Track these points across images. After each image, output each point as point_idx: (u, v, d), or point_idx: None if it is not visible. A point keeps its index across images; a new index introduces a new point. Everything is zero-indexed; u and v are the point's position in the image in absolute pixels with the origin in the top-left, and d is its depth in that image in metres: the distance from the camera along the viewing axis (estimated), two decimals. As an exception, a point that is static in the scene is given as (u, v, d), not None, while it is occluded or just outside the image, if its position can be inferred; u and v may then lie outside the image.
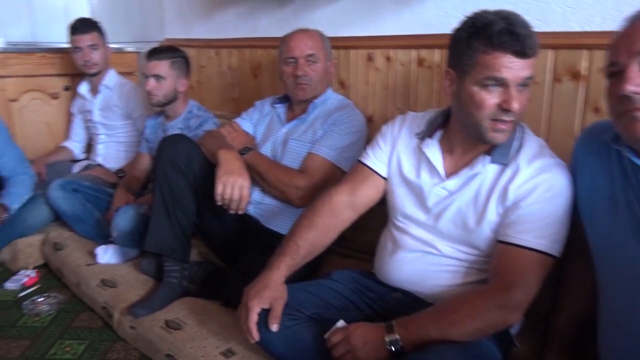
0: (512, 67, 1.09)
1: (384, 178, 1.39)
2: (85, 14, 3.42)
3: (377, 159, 1.39)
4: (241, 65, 2.60)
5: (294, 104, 1.93)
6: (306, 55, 1.82)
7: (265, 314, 1.19)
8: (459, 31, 1.17)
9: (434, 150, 1.29)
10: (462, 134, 1.24)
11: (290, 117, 1.93)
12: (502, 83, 1.11)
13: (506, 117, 1.14)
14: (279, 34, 1.96)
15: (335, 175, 1.75)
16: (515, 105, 1.11)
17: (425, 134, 1.31)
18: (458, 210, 1.25)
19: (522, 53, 1.09)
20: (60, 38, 3.33)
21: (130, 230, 1.93)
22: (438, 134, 1.31)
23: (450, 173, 1.27)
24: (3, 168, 2.25)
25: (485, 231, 1.22)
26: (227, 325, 1.47)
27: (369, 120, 2.01)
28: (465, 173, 1.24)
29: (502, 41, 1.08)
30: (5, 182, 2.26)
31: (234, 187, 1.56)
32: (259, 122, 2.01)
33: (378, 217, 1.47)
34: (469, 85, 1.15)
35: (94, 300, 1.80)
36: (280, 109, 1.97)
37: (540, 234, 1.13)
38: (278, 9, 2.32)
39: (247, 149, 1.84)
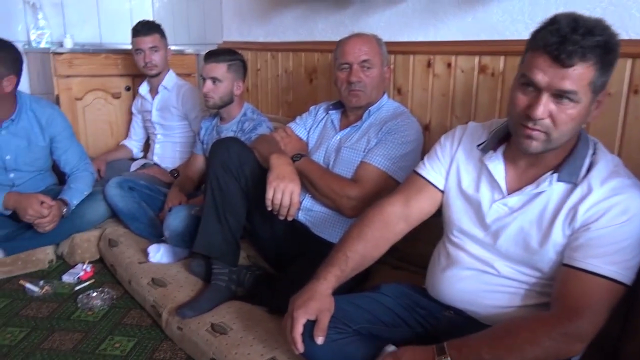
0: (547, 72, 1.01)
1: (441, 190, 1.33)
2: (149, 16, 3.53)
3: (434, 170, 1.33)
4: (297, 69, 2.59)
5: (348, 110, 1.90)
6: (361, 60, 1.78)
7: (310, 325, 1.16)
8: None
9: (496, 164, 1.21)
10: None
11: (344, 124, 1.89)
12: (536, 86, 1.03)
13: (529, 124, 1.06)
14: (336, 37, 1.92)
15: (389, 186, 1.70)
16: (538, 113, 1.02)
17: (488, 146, 1.23)
18: (520, 229, 1.17)
19: (559, 59, 0.99)
20: (124, 39, 3.44)
21: (181, 231, 1.95)
22: (502, 147, 1.23)
23: (513, 189, 1.20)
24: (66, 164, 2.34)
25: (549, 253, 1.14)
26: (273, 333, 1.45)
27: (426, 128, 1.95)
28: (529, 190, 1.16)
29: (546, 41, 1.00)
30: (66, 177, 2.35)
31: (284, 192, 1.54)
32: (312, 128, 1.98)
33: (432, 229, 1.41)
34: (514, 84, 1.10)
35: (144, 298, 1.82)
36: (334, 115, 1.94)
37: (611, 260, 1.04)
38: (335, 12, 2.30)
39: (299, 155, 1.81)
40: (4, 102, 2.14)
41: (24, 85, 2.97)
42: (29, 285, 1.97)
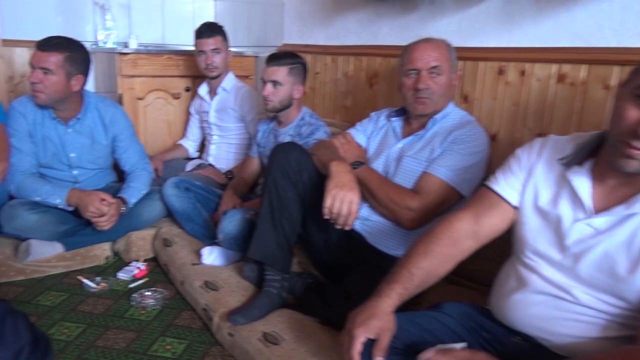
0: None
1: (515, 207, 1.23)
2: (211, 18, 3.57)
3: (508, 185, 1.24)
4: (357, 74, 2.53)
5: (412, 118, 1.82)
6: (430, 67, 1.70)
7: (370, 345, 1.09)
8: None
9: (582, 180, 1.11)
10: None
11: (407, 132, 1.82)
12: None
13: (636, 143, 0.95)
14: (400, 42, 1.86)
15: (452, 199, 1.61)
16: None
17: (573, 161, 1.13)
18: (605, 254, 1.06)
19: None
20: (186, 41, 3.50)
21: (235, 235, 1.93)
22: (589, 162, 1.12)
23: (600, 209, 1.09)
24: (126, 163, 2.37)
25: (639, 282, 1.02)
26: (325, 347, 1.40)
27: (492, 139, 1.84)
28: (619, 211, 1.05)
29: None
30: (126, 175, 2.38)
31: (343, 201, 1.49)
32: (372, 135, 1.92)
33: (497, 244, 1.31)
34: (622, 94, 0.99)
35: (195, 301, 1.81)
36: (397, 122, 1.86)
37: None
38: (401, 15, 2.23)
39: (359, 163, 1.75)
40: (72, 100, 2.19)
41: (90, 84, 3.06)
42: (86, 281, 2.00)
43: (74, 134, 2.25)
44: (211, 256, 1.97)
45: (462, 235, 1.24)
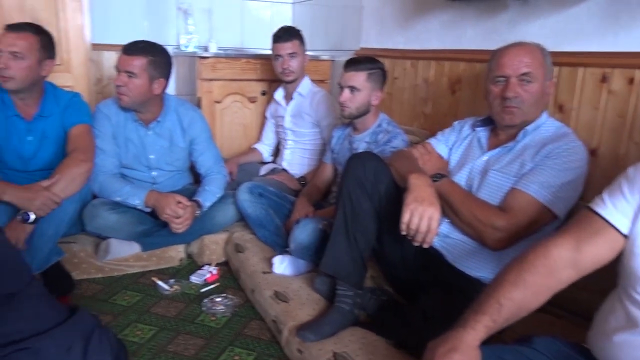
0: None
1: (624, 236, 1.08)
2: (289, 22, 3.57)
3: (617, 209, 1.08)
4: (438, 79, 2.41)
5: (499, 128, 1.68)
6: (520, 73, 1.55)
7: (451, 381, 0.99)
8: None
9: None
10: None
11: (494, 144, 1.68)
12: None
13: None
14: (487, 46, 1.73)
15: (544, 219, 1.47)
16: None
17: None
18: None
19: None
20: (264, 45, 3.51)
21: (307, 244, 1.89)
22: None
23: None
24: (201, 166, 2.40)
25: None
26: (400, 373, 1.31)
27: (592, 154, 1.67)
28: None
29: None
30: (201, 178, 2.41)
31: (422, 217, 1.39)
32: (455, 146, 1.80)
33: (598, 272, 1.16)
34: None
35: (265, 311, 1.77)
36: (482, 133, 1.73)
37: None
38: (489, 17, 2.08)
39: (440, 176, 1.64)
40: (153, 103, 2.23)
41: (171, 87, 3.14)
42: (160, 283, 2.03)
43: (153, 136, 2.29)
44: (282, 265, 1.94)
45: (560, 264, 1.11)
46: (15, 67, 1.92)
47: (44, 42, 2.01)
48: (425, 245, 1.42)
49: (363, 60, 2.08)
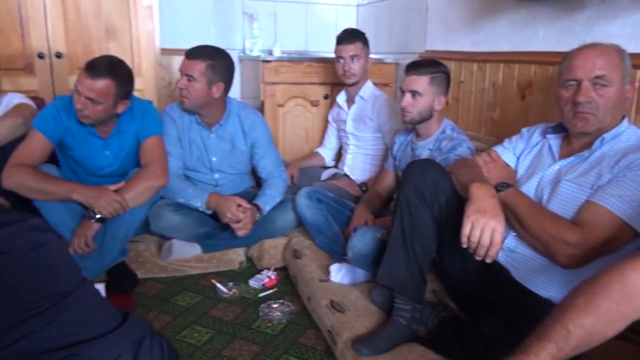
0: None
1: None
2: (353, 25, 3.54)
3: None
4: (507, 83, 2.29)
5: (572, 136, 1.56)
6: (593, 77, 1.43)
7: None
8: None
9: None
10: None
11: (566, 152, 1.56)
12: None
13: None
14: (560, 47, 1.63)
15: (624, 237, 1.34)
16: None
17: None
18: None
19: None
20: (327, 48, 3.50)
21: (365, 254, 1.84)
22: None
23: None
24: (262, 169, 2.41)
25: None
26: (458, 396, 1.24)
27: (680, 165, 1.51)
28: None
29: None
30: (262, 182, 2.42)
31: (484, 229, 1.31)
32: (523, 154, 1.69)
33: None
34: None
35: (321, 320, 1.75)
36: (554, 140, 1.62)
37: None
38: (563, 17, 1.95)
39: (506, 185, 1.55)
40: (214, 107, 2.27)
41: (236, 90, 3.19)
42: (219, 286, 2.05)
43: (216, 139, 2.33)
44: (339, 274, 1.90)
45: (639, 290, 1.00)
46: (92, 109, 1.92)
47: (120, 85, 1.94)
48: (488, 260, 1.34)
49: (425, 64, 2.01)
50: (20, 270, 0.60)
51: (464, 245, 1.35)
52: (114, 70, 1.93)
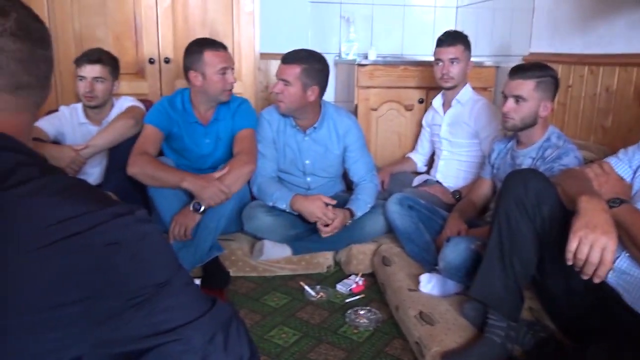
0: None
1: None
2: (452, 26, 3.44)
3: None
4: (623, 87, 2.10)
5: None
6: None
7: None
8: None
9: None
10: None
11: (694, 167, 1.40)
12: None
13: None
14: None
15: None
16: None
17: None
18: None
19: None
20: (424, 51, 3.44)
21: (457, 265, 1.77)
22: None
23: None
24: (354, 174, 2.40)
25: None
26: None
27: None
28: None
29: None
30: (353, 186, 2.41)
31: (593, 246, 1.21)
32: (641, 167, 1.54)
33: None
34: None
35: (408, 331, 1.70)
36: (679, 153, 1.46)
37: None
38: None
39: (619, 201, 1.41)
40: (309, 110, 2.30)
41: (330, 94, 3.22)
42: (307, 288, 2.07)
43: (310, 142, 2.36)
44: (429, 284, 1.84)
45: None
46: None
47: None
48: (597, 280, 1.23)
49: (531, 67, 1.89)
50: (128, 259, 0.64)
51: (569, 263, 1.25)
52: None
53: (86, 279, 0.60)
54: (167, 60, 2.73)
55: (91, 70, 2.22)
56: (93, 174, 2.38)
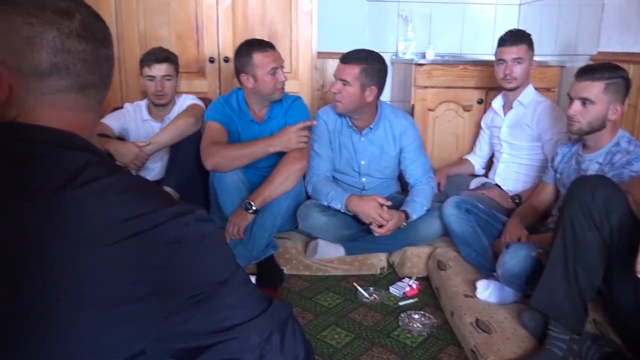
0: None
1: None
2: (514, 25, 3.32)
3: None
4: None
5: None
6: None
7: None
8: None
9: None
10: None
11: None
12: None
13: None
14: None
15: None
16: None
17: None
18: None
19: None
20: (484, 50, 3.35)
21: (517, 272, 1.72)
22: None
23: None
24: (410, 175, 2.37)
25: None
26: None
27: None
28: None
29: None
30: (408, 188, 2.38)
31: (667, 259, 1.14)
32: None
33: None
34: None
35: (464, 338, 1.67)
36: None
37: None
38: None
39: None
40: (366, 110, 2.28)
41: (386, 93, 3.18)
42: (360, 290, 2.07)
43: (366, 142, 2.35)
44: (486, 291, 1.80)
45: None
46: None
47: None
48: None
49: (600, 68, 1.80)
50: (188, 258, 0.66)
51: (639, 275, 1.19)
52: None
53: (150, 276, 0.62)
54: (226, 60, 2.78)
55: (159, 69, 2.30)
56: (154, 169, 2.46)
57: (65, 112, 0.72)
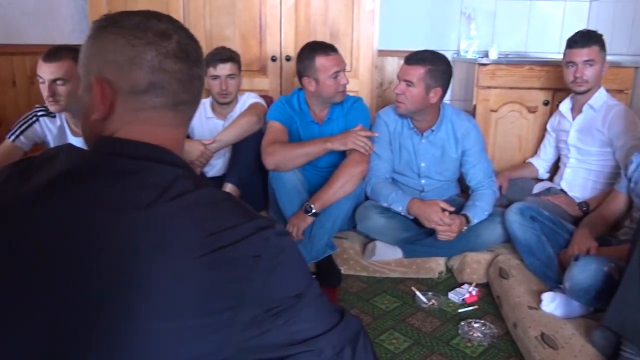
0: None
1: None
2: (583, 24, 3.20)
3: None
4: None
5: None
6: None
7: None
8: None
9: None
10: None
11: None
12: None
13: None
14: None
15: None
16: None
17: None
18: None
19: None
20: (550, 49, 3.22)
21: (586, 287, 1.65)
22: None
23: None
24: (471, 179, 2.32)
25: None
26: None
27: None
28: None
29: None
30: (469, 191, 2.33)
31: None
32: None
33: None
34: None
35: (528, 352, 1.62)
36: None
37: None
38: None
39: None
40: (429, 112, 2.25)
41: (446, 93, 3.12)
42: (419, 294, 2.04)
43: (427, 144, 2.32)
44: (552, 304, 1.74)
45: None
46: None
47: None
48: None
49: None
50: (268, 271, 0.67)
51: None
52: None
53: (232, 288, 0.64)
54: (288, 58, 2.80)
55: (224, 69, 2.34)
56: (216, 165, 2.53)
57: (159, 127, 0.75)
